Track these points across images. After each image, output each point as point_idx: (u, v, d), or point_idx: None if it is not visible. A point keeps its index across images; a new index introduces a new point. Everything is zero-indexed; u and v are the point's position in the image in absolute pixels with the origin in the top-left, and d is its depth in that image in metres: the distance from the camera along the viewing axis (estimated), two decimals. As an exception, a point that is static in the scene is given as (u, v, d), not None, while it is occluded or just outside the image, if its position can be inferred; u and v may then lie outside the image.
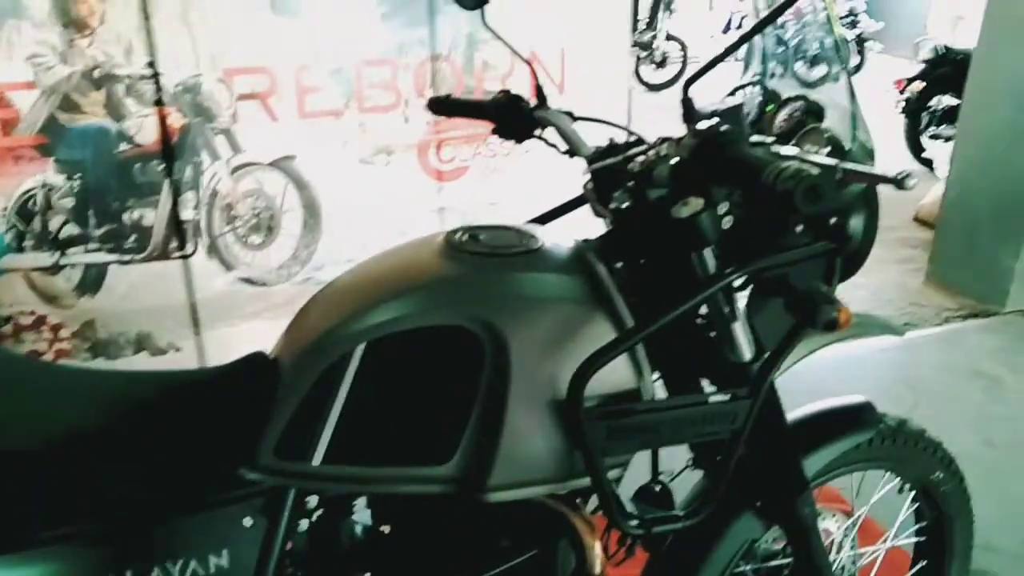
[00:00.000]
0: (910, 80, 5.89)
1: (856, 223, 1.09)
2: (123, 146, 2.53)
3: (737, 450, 1.07)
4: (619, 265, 1.10)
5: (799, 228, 1.01)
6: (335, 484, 1.03)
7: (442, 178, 2.93)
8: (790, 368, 1.19)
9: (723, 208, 1.00)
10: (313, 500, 1.08)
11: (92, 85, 2.44)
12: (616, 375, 1.02)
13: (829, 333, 1.09)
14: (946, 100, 5.86)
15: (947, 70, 5.72)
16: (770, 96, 4.30)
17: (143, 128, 2.53)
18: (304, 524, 1.08)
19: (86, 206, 2.55)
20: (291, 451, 0.98)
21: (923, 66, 5.90)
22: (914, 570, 1.61)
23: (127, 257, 2.63)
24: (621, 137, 1.20)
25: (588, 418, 0.98)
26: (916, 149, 5.93)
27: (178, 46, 2.50)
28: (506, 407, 0.98)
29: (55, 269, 2.58)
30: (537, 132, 1.26)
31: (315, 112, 2.69)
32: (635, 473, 1.15)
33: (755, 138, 0.97)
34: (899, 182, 0.88)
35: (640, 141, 1.14)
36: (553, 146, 1.25)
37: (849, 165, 0.90)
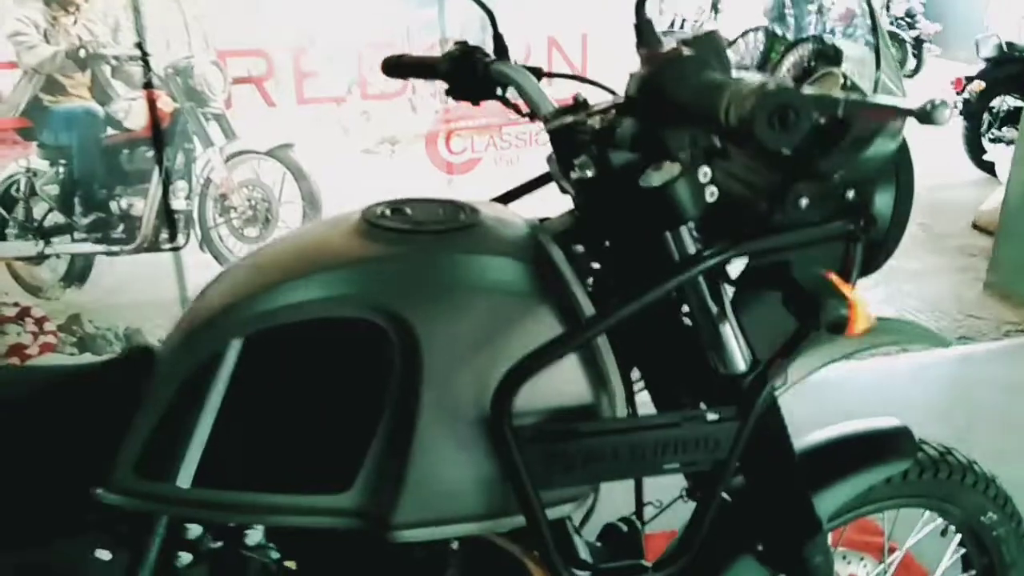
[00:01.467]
0: (969, 79, 5.52)
1: (883, 199, 0.86)
2: (110, 131, 2.40)
3: (721, 485, 0.85)
4: (580, 250, 0.88)
5: (804, 202, 0.79)
6: (208, 512, 0.83)
7: (452, 171, 2.75)
8: (797, 384, 0.96)
9: (705, 176, 0.78)
10: (196, 529, 0.88)
11: (77, 66, 2.32)
12: (568, 387, 0.81)
13: (841, 337, 0.87)
14: (1009, 101, 5.49)
15: (1011, 69, 5.35)
16: (776, 40, 3.95)
17: (131, 112, 2.40)
18: (186, 558, 0.89)
19: (72, 193, 2.43)
20: (155, 470, 0.79)
21: (984, 64, 5.53)
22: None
23: (115, 248, 2.50)
24: (597, 97, 0.98)
25: (521, 440, 0.77)
26: (976, 153, 5.56)
27: (168, 25, 2.37)
28: (417, 424, 0.78)
29: (39, 259, 2.46)
30: (498, 92, 1.05)
31: (315, 98, 2.54)
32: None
33: (735, 74, 0.74)
34: (926, 114, 0.64)
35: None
36: (514, 107, 1.04)
37: (855, 97, 0.67)
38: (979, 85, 5.46)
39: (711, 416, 0.82)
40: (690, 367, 0.89)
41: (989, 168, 5.46)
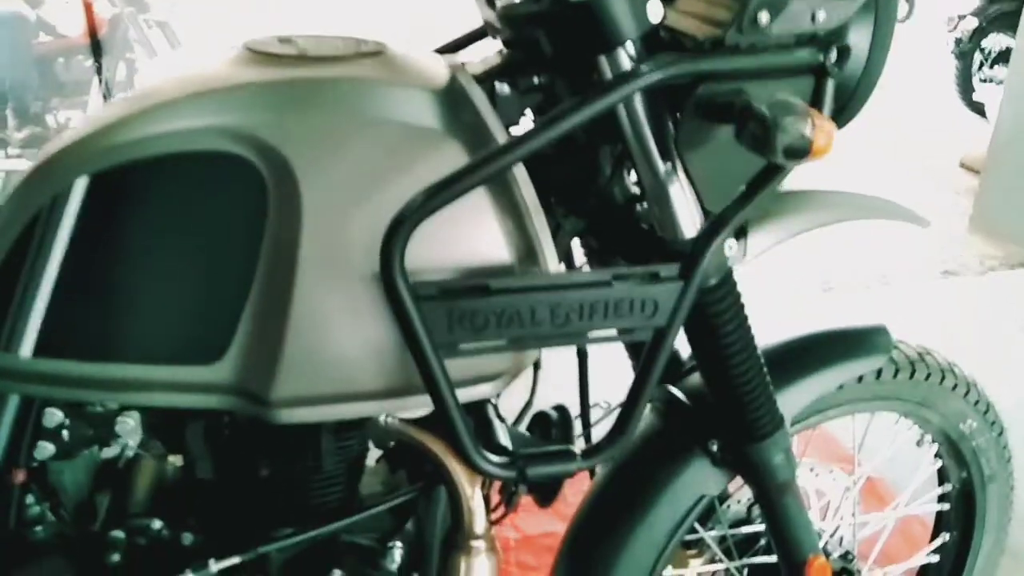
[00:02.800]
0: (962, 17, 5.35)
1: (859, 33, 0.73)
2: (43, 36, 2.23)
3: (660, 358, 0.73)
4: (507, 91, 0.75)
5: (764, 18, 0.66)
6: (57, 388, 0.71)
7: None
8: (761, 255, 0.84)
9: None
10: (55, 415, 0.76)
11: (3, -37, 2.14)
12: (478, 236, 0.69)
13: (805, 205, 0.76)
14: (1002, 39, 5.33)
15: (1005, 5, 5.18)
16: None
17: (66, 17, 2.23)
18: (46, 449, 0.77)
19: (3, 105, 2.27)
20: None
21: (978, 2, 5.36)
22: (933, 545, 1.27)
23: (53, 166, 2.35)
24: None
25: (419, 296, 0.65)
26: (967, 93, 5.42)
27: (103, -80, 2.18)
28: (295, 280, 0.66)
29: (-29, 176, 2.31)
30: None
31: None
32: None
33: None
34: None
35: None
36: None
37: None
38: (972, 23, 5.30)
39: (649, 273, 0.70)
40: (629, 220, 0.77)
41: (979, 109, 5.33)
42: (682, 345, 1.09)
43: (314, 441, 0.81)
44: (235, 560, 0.82)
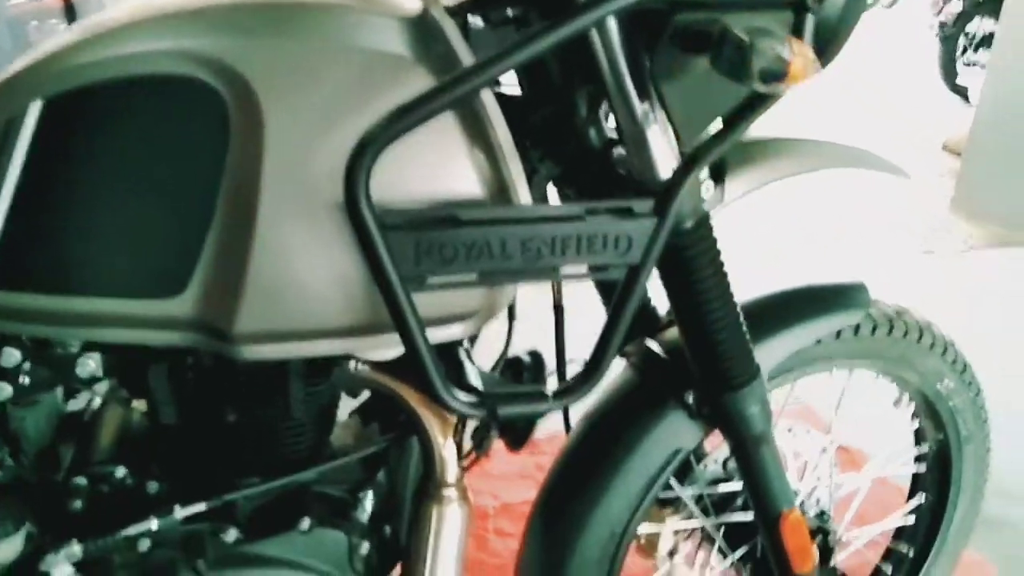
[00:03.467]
0: (946, 1, 5.36)
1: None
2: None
3: (634, 297, 0.72)
4: (480, 24, 0.73)
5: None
6: (12, 322, 0.69)
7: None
8: (741, 198, 0.83)
9: None
10: (13, 355, 0.74)
11: (-27, -80, 2.09)
12: (446, 164, 0.68)
13: (784, 152, 0.74)
14: (987, 25, 5.34)
15: (990, -10, 5.19)
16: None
17: (38, -22, 2.18)
18: (5, 390, 0.75)
19: (-26, 68, 2.23)
20: None
21: (964, -14, 5.36)
22: (909, 507, 1.27)
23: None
24: None
25: (384, 226, 0.63)
26: (950, 76, 5.44)
27: None
28: (258, 209, 0.64)
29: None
30: None
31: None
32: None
33: None
34: None
35: None
36: None
37: None
38: (956, 6, 5.31)
39: (622, 208, 0.69)
40: (606, 164, 0.76)
41: (962, 92, 5.36)
42: (660, 302, 1.09)
43: (282, 386, 0.80)
44: (200, 507, 0.81)
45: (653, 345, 0.98)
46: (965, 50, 5.42)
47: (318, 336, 0.69)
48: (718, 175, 0.82)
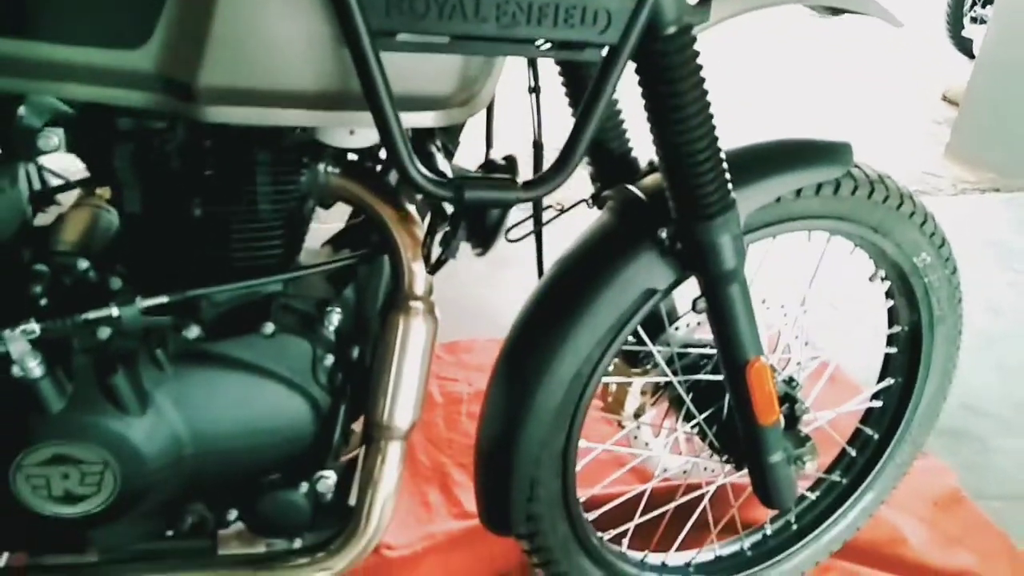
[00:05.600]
0: (959, -46, 5.27)
1: None
2: None
3: (610, 81, 0.70)
4: None
5: None
6: None
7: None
8: (721, 22, 0.81)
9: None
10: None
11: None
12: None
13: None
14: (997, -20, 5.27)
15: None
16: None
17: None
18: None
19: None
20: None
21: (976, -62, 5.28)
22: (878, 387, 1.27)
23: None
24: None
25: None
26: (956, 30, 5.39)
27: None
28: None
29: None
30: None
31: None
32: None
33: None
34: None
35: None
36: None
37: None
38: (967, -40, 5.23)
39: None
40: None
41: (967, 47, 5.31)
42: (642, 155, 1.07)
43: (249, 179, 0.78)
44: (163, 299, 0.80)
45: (632, 189, 0.97)
46: (973, 5, 5.36)
47: (284, 102, 0.68)
48: (706, -10, 0.80)
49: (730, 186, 0.88)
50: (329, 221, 0.98)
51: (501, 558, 1.32)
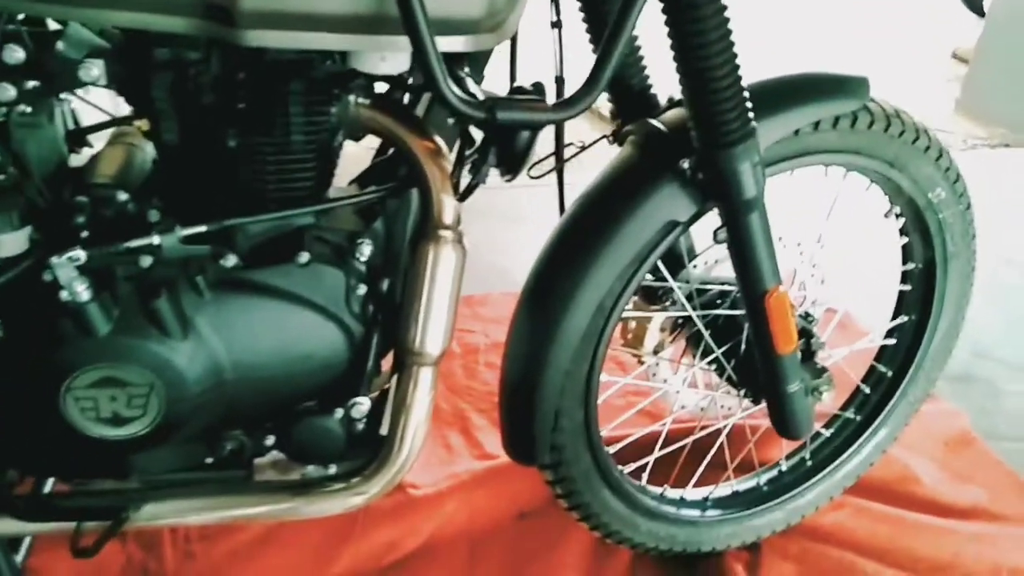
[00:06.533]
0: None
1: None
2: None
3: (637, 4, 0.72)
4: None
5: None
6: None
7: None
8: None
9: None
10: (17, 52, 0.74)
11: None
12: None
13: None
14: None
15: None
16: None
17: None
18: (8, 92, 0.75)
19: None
20: None
21: None
22: (893, 323, 1.29)
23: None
24: None
25: None
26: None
27: None
28: None
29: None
30: None
31: None
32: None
33: None
34: None
35: None
36: None
37: None
38: (980, -84, 5.16)
39: None
40: None
41: (978, 7, 5.26)
42: (662, 93, 1.09)
43: (282, 110, 0.80)
44: (201, 228, 0.82)
45: (654, 123, 0.99)
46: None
47: (322, 25, 0.70)
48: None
49: (751, 114, 0.90)
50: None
51: (524, 496, 1.35)
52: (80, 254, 0.78)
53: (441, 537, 1.31)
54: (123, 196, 0.84)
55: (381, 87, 0.87)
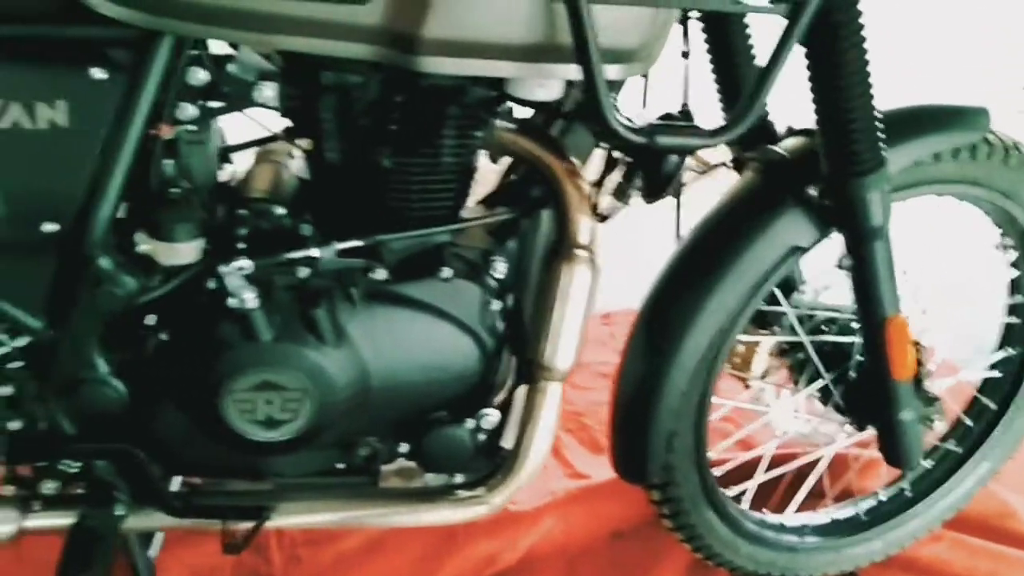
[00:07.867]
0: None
1: None
2: None
3: (797, 28, 0.75)
4: None
5: None
6: (209, 25, 0.74)
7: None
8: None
9: None
10: (200, 74, 0.80)
11: None
12: None
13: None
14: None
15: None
16: None
17: None
18: (189, 111, 0.81)
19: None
20: None
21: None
22: (995, 358, 1.29)
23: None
24: None
25: None
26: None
27: None
28: None
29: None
30: None
31: None
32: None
33: None
34: None
35: None
36: None
37: None
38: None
39: None
40: None
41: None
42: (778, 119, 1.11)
43: (437, 133, 0.84)
44: (356, 243, 0.87)
45: (776, 149, 1.02)
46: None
47: (497, 53, 0.74)
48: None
49: (883, 144, 0.92)
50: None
51: (618, 516, 1.37)
52: (247, 264, 0.83)
53: (539, 553, 1.33)
54: (280, 211, 0.89)
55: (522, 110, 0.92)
